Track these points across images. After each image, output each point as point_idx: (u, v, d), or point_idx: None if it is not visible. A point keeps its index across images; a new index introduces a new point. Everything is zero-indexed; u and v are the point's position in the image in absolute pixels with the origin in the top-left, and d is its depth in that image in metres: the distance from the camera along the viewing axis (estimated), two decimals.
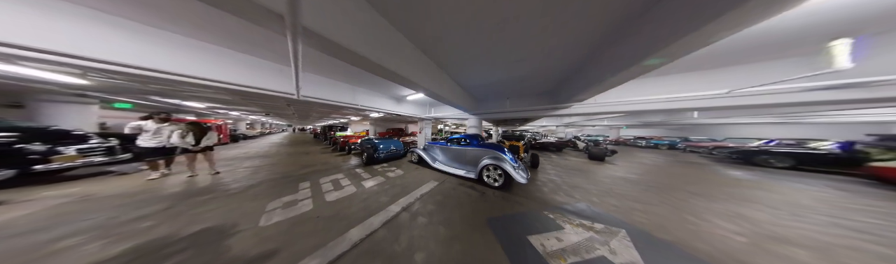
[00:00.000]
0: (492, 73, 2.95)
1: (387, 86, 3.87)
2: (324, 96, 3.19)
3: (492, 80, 3.28)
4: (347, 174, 3.29)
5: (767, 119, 7.15)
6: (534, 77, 3.06)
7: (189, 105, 5.65)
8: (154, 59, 1.82)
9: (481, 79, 3.21)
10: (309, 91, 2.94)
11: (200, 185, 2.54)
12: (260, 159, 4.55)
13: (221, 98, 4.29)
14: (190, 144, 2.84)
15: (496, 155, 3.11)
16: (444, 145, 3.93)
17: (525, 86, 3.48)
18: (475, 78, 3.18)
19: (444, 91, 2.98)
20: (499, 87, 3.66)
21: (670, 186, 3.05)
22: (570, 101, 3.28)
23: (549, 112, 3.87)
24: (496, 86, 3.55)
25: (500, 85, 3.49)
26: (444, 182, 3.03)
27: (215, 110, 7.43)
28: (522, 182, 2.57)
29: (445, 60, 2.47)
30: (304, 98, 2.86)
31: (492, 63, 2.52)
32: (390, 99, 4.82)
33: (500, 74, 2.99)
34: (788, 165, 5.01)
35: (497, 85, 3.50)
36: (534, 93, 3.96)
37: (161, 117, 2.86)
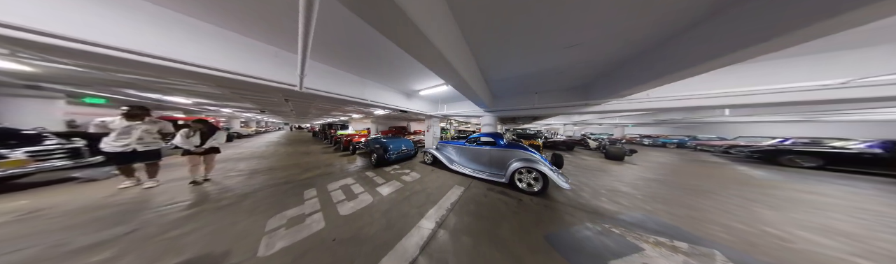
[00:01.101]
0: (532, 63, 2.54)
1: (399, 78, 3.43)
2: (329, 89, 2.75)
3: (524, 72, 2.89)
4: (358, 178, 2.90)
5: (785, 117, 6.98)
6: (575, 68, 2.67)
7: (172, 100, 5.07)
8: (108, 31, 1.36)
9: (515, 69, 2.80)
10: (313, 82, 2.51)
11: (183, 195, 2.12)
12: (256, 160, 4.10)
13: (209, 92, 3.79)
14: (194, 145, 2.37)
15: (528, 156, 2.76)
16: (463, 145, 3.56)
17: (557, 79, 3.10)
18: (508, 68, 2.77)
19: (475, 82, 2.59)
20: (524, 81, 3.27)
21: (711, 189, 2.82)
22: (607, 97, 2.92)
23: (578, 109, 3.51)
24: (523, 79, 3.15)
25: (529, 78, 3.10)
26: (469, 187, 2.67)
27: (204, 107, 6.85)
28: (566, 187, 2.23)
29: (484, 45, 2.06)
30: (308, 90, 2.42)
31: (540, 49, 2.12)
32: (400, 94, 4.38)
33: (542, 64, 2.59)
34: (816, 165, 4.83)
35: (525, 78, 3.11)
36: (561, 88, 3.58)
37: (128, 112, 2.18)
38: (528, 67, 2.67)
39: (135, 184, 2.32)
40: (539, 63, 2.54)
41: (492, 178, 2.84)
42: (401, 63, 2.77)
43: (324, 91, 2.68)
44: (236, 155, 4.82)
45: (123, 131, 2.19)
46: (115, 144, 2.17)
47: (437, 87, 3.79)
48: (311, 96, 3.25)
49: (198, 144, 2.41)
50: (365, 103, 3.49)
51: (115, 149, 2.17)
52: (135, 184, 2.32)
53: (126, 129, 2.19)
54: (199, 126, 2.41)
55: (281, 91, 2.71)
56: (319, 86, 2.64)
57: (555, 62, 2.49)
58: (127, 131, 2.20)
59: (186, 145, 2.34)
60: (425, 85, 3.76)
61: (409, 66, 2.90)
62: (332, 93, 2.78)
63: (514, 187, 2.57)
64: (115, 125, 2.17)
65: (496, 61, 2.47)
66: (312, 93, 2.52)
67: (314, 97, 3.29)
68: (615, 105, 3.15)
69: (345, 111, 7.65)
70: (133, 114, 2.22)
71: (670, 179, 3.39)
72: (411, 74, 3.22)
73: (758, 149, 5.68)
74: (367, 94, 3.39)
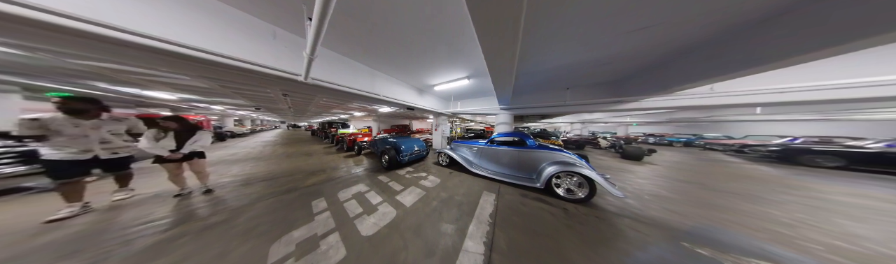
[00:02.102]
0: (579, 52, 2.18)
1: (415, 71, 3.04)
2: (337, 81, 2.35)
3: (561, 63, 2.52)
4: (371, 184, 2.54)
5: (801, 116, 6.86)
6: (626, 58, 2.32)
7: (153, 96, 4.50)
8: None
9: (554, 60, 2.43)
10: (319, 72, 2.11)
11: (161, 210, 1.73)
12: (252, 163, 3.69)
13: (194, 86, 3.31)
14: (167, 149, 1.85)
15: (566, 158, 2.44)
16: (484, 145, 3.23)
17: (594, 73, 2.75)
18: (547, 59, 2.40)
19: (512, 74, 2.22)
20: (554, 75, 2.92)
21: (758, 193, 2.62)
22: (648, 93, 2.60)
23: (610, 106, 3.20)
24: (554, 72, 2.80)
25: (560, 71, 2.75)
26: (500, 192, 2.36)
27: (193, 104, 6.30)
28: (620, 195, 1.93)
29: (538, 28, 1.69)
30: (314, 82, 2.02)
31: (598, 34, 1.76)
32: (412, 89, 3.97)
33: (595, 53, 2.22)
34: (839, 165, 4.71)
35: (556, 71, 2.75)
36: (593, 83, 3.24)
37: (66, 106, 1.57)
38: (570, 57, 2.31)
39: (73, 213, 1.61)
40: (590, 52, 2.18)
41: (521, 183, 2.53)
42: (422, 53, 2.39)
43: (331, 83, 2.26)
44: (229, 156, 4.38)
45: (75, 133, 1.59)
46: (65, 151, 1.55)
47: (454, 82, 3.41)
48: (315, 90, 2.83)
49: (173, 149, 1.89)
50: (377, 99, 3.09)
51: (63, 157, 1.55)
52: (74, 213, 1.62)
53: (79, 131, 1.61)
54: (170, 124, 1.87)
55: (280, 83, 2.30)
56: (326, 76, 2.23)
57: (608, 50, 2.13)
58: (81, 132, 1.62)
59: (155, 149, 1.80)
60: (443, 79, 3.37)
61: (431, 57, 2.52)
62: (340, 85, 2.37)
63: (552, 193, 2.27)
64: (57, 124, 1.54)
65: (539, 49, 2.11)
66: (318, 84, 2.11)
67: (318, 91, 2.88)
68: (654, 102, 2.83)
69: (347, 108, 7.20)
70: (74, 108, 1.58)
71: (706, 181, 3.17)
72: (430, 66, 2.83)
73: (776, 148, 5.54)
74: (379, 88, 2.99)
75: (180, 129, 1.94)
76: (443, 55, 2.44)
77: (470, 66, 2.83)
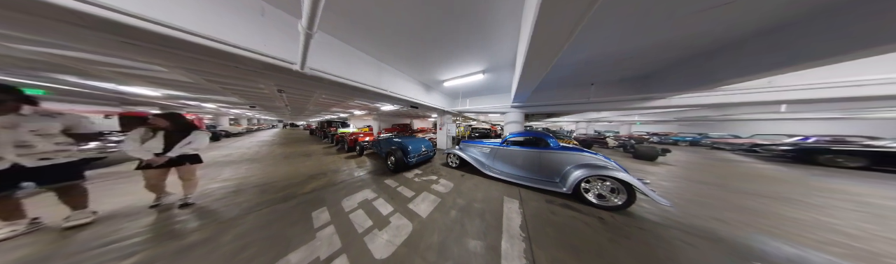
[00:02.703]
0: (630, 35, 1.86)
1: (425, 64, 2.76)
2: (340, 73, 2.06)
3: (598, 52, 2.25)
4: (378, 189, 2.29)
5: (819, 114, 6.66)
6: (670, 47, 2.05)
7: (134, 92, 4.12)
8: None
9: (597, 47, 2.12)
10: (318, 60, 1.83)
11: (131, 227, 1.46)
12: (246, 165, 3.41)
13: (178, 81, 2.99)
14: (151, 153, 1.55)
15: (595, 161, 2.21)
16: (498, 146, 2.98)
17: (625, 67, 2.48)
18: (590, 46, 2.11)
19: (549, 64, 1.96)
20: (580, 69, 2.65)
21: (798, 197, 2.45)
22: (686, 88, 2.34)
23: (634, 104, 2.94)
24: (581, 66, 2.52)
25: (588, 65, 2.49)
26: (521, 198, 2.13)
27: (182, 102, 5.95)
28: (666, 203, 1.70)
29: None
30: (313, 72, 1.74)
31: (662, 12, 1.49)
32: (419, 84, 3.68)
33: (640, 41, 1.94)
34: (862, 165, 4.57)
35: (583, 65, 2.47)
36: (618, 78, 2.97)
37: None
38: (610, 46, 2.04)
39: (16, 233, 1.32)
40: (635, 37, 1.88)
41: (542, 187, 2.30)
42: (438, 42, 2.12)
43: (333, 75, 1.97)
44: (222, 157, 4.08)
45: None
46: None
47: (467, 77, 3.13)
48: (313, 85, 2.56)
49: (160, 151, 1.58)
50: (383, 95, 2.80)
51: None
52: (18, 233, 1.32)
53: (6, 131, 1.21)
54: (161, 122, 1.59)
55: (272, 75, 2.02)
56: (327, 67, 1.93)
57: (655, 38, 1.86)
58: (10, 134, 1.22)
59: (139, 152, 1.51)
60: (454, 73, 3.08)
61: (447, 48, 2.25)
62: (343, 78, 2.07)
63: (580, 199, 2.05)
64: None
65: (583, 34, 1.81)
66: (318, 75, 1.81)
67: (317, 86, 2.60)
68: (688, 99, 2.58)
69: (347, 107, 6.89)
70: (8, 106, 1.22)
71: (732, 183, 3.00)
72: (443, 59, 2.55)
73: (790, 147, 5.39)
74: (385, 83, 2.70)
75: (173, 129, 1.63)
76: (461, 46, 2.16)
77: (489, 59, 2.55)
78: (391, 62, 2.71)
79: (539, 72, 1.81)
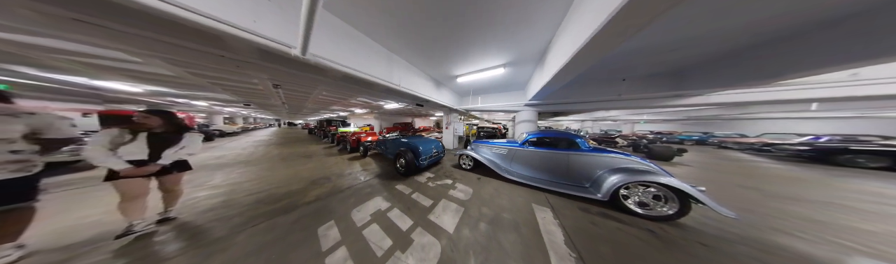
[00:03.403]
0: (697, 18, 1.57)
1: (440, 57, 2.47)
2: (347, 62, 1.76)
3: (645, 43, 1.98)
4: (391, 197, 2.02)
5: (836, 114, 6.51)
6: (728, 36, 1.76)
7: (111, 87, 3.70)
8: None
9: (650, 35, 1.83)
10: (323, 48, 1.53)
11: (82, 254, 1.17)
12: (241, 168, 3.11)
13: (157, 74, 2.65)
14: (124, 162, 1.18)
15: (634, 165, 1.98)
16: (517, 147, 2.74)
17: (660, 60, 2.20)
18: (639, 34, 1.73)
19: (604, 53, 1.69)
20: (617, 61, 2.35)
21: (850, 204, 2.25)
22: (735, 83, 2.08)
23: (668, 101, 2.68)
24: (622, 57, 2.23)
25: (631, 55, 2.20)
26: (553, 206, 1.90)
27: (170, 99, 5.56)
28: (733, 216, 1.48)
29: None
30: (316, 59, 1.44)
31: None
32: (429, 80, 3.37)
33: (697, 28, 1.65)
34: (884, 165, 4.44)
35: (627, 55, 2.18)
36: (650, 73, 2.69)
37: None
38: (663, 35, 1.76)
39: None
40: (685, 28, 1.63)
41: (571, 192, 2.08)
42: (460, 29, 1.85)
43: (339, 63, 1.66)
44: (214, 160, 3.77)
45: None
46: None
47: (484, 72, 2.83)
48: (312, 79, 2.27)
49: (143, 157, 1.24)
50: (393, 90, 2.51)
51: None
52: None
53: None
54: (152, 122, 1.26)
55: (265, 65, 1.73)
56: (331, 55, 1.62)
57: (713, 24, 1.57)
58: None
59: (111, 162, 1.14)
60: (472, 67, 2.78)
61: (471, 37, 1.97)
62: (350, 68, 1.78)
63: (617, 206, 1.82)
64: None
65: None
66: (321, 63, 1.50)
67: (316, 81, 2.31)
68: (734, 95, 2.32)
69: (348, 104, 6.55)
70: None
71: (766, 187, 2.82)
72: (462, 50, 2.26)
73: (805, 147, 5.25)
74: (396, 77, 2.40)
75: (163, 130, 1.31)
76: (487, 34, 1.88)
77: (514, 50, 2.27)
78: (403, 53, 2.41)
79: (586, 63, 1.54)
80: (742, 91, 2.23)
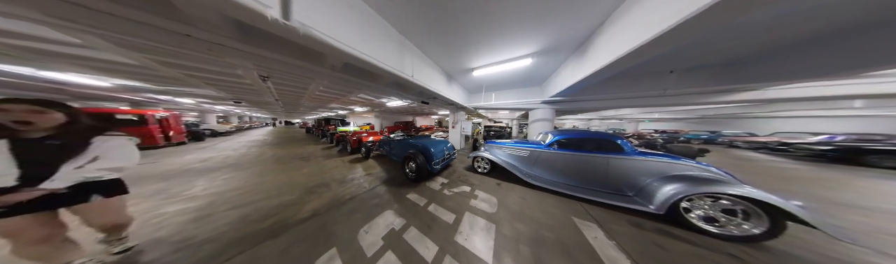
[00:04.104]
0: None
1: (459, 45, 2.11)
2: (348, 40, 1.35)
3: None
4: (404, 210, 1.68)
5: (858, 112, 6.25)
6: (810, 18, 1.42)
7: (64, 79, 3.08)
8: None
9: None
10: (316, 16, 1.12)
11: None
12: (228, 173, 2.75)
13: (111, 61, 2.19)
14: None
15: (696, 172, 1.67)
16: (541, 149, 2.42)
17: (717, 49, 1.84)
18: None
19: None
20: (669, 51, 1.96)
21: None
22: (809, 76, 1.72)
23: (718, 97, 2.32)
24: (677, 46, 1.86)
25: (687, 44, 1.82)
26: (597, 220, 1.59)
27: (150, 96, 5.11)
28: (848, 240, 1.17)
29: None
30: (305, 29, 1.05)
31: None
32: (441, 74, 2.99)
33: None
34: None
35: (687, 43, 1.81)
36: (699, 65, 2.32)
37: None
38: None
39: None
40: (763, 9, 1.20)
41: (611, 202, 1.79)
42: (485, 12, 1.50)
43: (337, 40, 1.26)
44: (198, 163, 3.38)
45: None
46: None
47: (507, 63, 2.45)
48: (310, 73, 1.90)
49: (14, 180, 0.78)
50: (405, 84, 2.14)
51: None
52: None
53: None
54: (35, 118, 0.83)
55: (243, 47, 1.37)
56: (330, 28, 1.21)
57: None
58: None
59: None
60: (494, 57, 2.40)
61: (503, 20, 1.62)
62: (353, 48, 1.37)
63: (676, 220, 1.52)
64: None
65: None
66: (314, 35, 1.10)
67: (311, 72, 1.94)
68: (808, 88, 1.98)
69: (347, 102, 6.15)
70: None
71: (818, 193, 2.51)
72: (488, 37, 1.90)
73: (828, 147, 5.02)
74: (408, 66, 2.01)
75: (50, 134, 0.86)
76: (522, 16, 1.52)
77: (549, 38, 1.92)
78: (417, 38, 2.01)
79: (654, 51, 1.19)
80: (813, 84, 1.91)
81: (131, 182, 1.12)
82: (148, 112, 4.56)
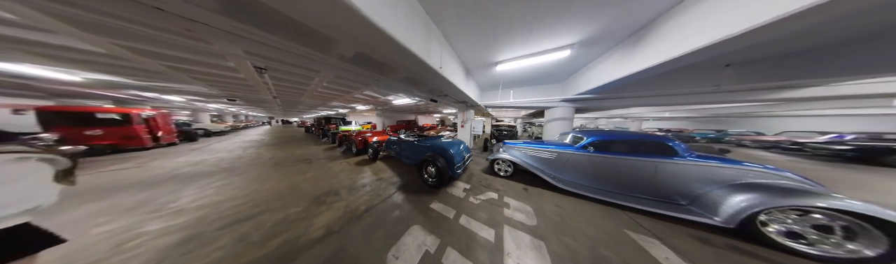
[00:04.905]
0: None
1: (491, 32, 1.82)
2: (373, 12, 0.97)
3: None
4: (433, 225, 1.42)
5: (869, 111, 6.10)
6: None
7: (26, 73, 2.70)
8: None
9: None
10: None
11: None
12: (220, 180, 2.45)
13: (69, 48, 1.88)
14: None
15: (771, 179, 1.44)
16: (572, 150, 2.19)
17: (787, 37, 1.55)
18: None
19: None
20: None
21: None
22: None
23: (774, 94, 2.03)
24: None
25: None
26: (654, 234, 1.38)
27: (134, 93, 4.72)
28: None
29: None
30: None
31: None
32: (460, 68, 2.68)
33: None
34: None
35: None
36: (757, 57, 2.02)
37: None
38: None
39: None
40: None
41: (659, 210, 1.59)
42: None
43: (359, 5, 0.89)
44: (189, 167, 3.07)
45: None
46: None
47: (540, 56, 2.18)
48: (313, 58, 1.61)
49: None
50: (426, 77, 1.84)
51: None
52: None
53: None
54: None
55: (229, 24, 1.10)
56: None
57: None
58: None
59: None
60: (527, 49, 2.11)
61: (545, 5, 1.33)
62: (375, 21, 1.00)
63: (750, 235, 1.31)
64: None
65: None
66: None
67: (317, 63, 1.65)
68: (871, 86, 1.75)
69: (350, 100, 5.82)
70: None
71: (867, 197, 2.32)
72: (525, 25, 1.62)
73: (847, 147, 4.90)
74: (435, 55, 1.69)
75: None
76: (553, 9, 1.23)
77: (602, 24, 1.63)
78: (446, 24, 1.69)
79: (754, 39, 0.93)
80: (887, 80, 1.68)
81: (109, 191, 0.84)
82: (133, 110, 4.19)
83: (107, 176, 2.60)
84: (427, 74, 1.87)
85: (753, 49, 1.87)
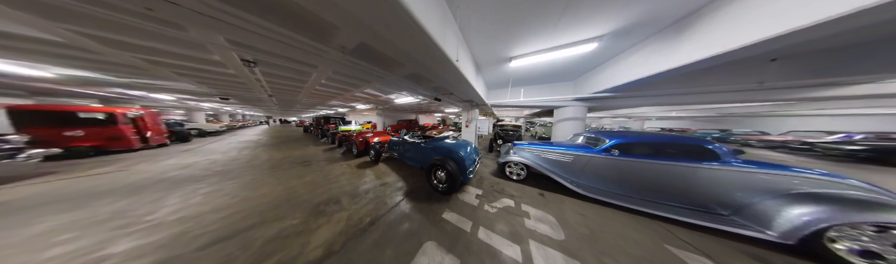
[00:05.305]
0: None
1: (510, 22, 1.61)
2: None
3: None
4: (448, 240, 1.24)
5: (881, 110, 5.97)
6: None
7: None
8: None
9: None
10: None
11: None
12: (211, 185, 2.24)
13: (13, 34, 1.65)
14: None
15: (837, 190, 1.23)
16: (594, 153, 2.01)
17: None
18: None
19: None
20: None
21: None
22: None
23: (818, 91, 1.82)
24: None
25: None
26: (702, 251, 1.21)
27: (119, 91, 4.45)
28: None
29: None
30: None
31: None
32: (471, 64, 2.45)
33: None
34: None
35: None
36: (804, 51, 1.80)
37: None
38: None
39: None
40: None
41: (696, 221, 1.43)
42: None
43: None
44: (178, 170, 2.84)
45: None
46: None
47: (563, 49, 1.98)
48: (309, 49, 1.41)
49: None
50: (435, 71, 1.63)
51: None
52: None
53: None
54: None
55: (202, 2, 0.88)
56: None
57: None
58: None
59: None
60: (547, 43, 1.91)
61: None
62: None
63: (813, 252, 1.15)
64: None
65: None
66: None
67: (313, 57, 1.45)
68: None
69: (349, 99, 5.60)
70: None
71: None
72: (553, 14, 1.42)
73: (865, 146, 4.77)
74: (451, 46, 1.48)
75: None
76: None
77: (635, 14, 1.43)
78: (464, 12, 1.48)
79: (835, 29, 0.74)
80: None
81: (84, 199, 0.65)
82: (117, 110, 3.94)
83: (85, 181, 2.39)
84: (439, 68, 1.66)
85: (808, 41, 1.59)
